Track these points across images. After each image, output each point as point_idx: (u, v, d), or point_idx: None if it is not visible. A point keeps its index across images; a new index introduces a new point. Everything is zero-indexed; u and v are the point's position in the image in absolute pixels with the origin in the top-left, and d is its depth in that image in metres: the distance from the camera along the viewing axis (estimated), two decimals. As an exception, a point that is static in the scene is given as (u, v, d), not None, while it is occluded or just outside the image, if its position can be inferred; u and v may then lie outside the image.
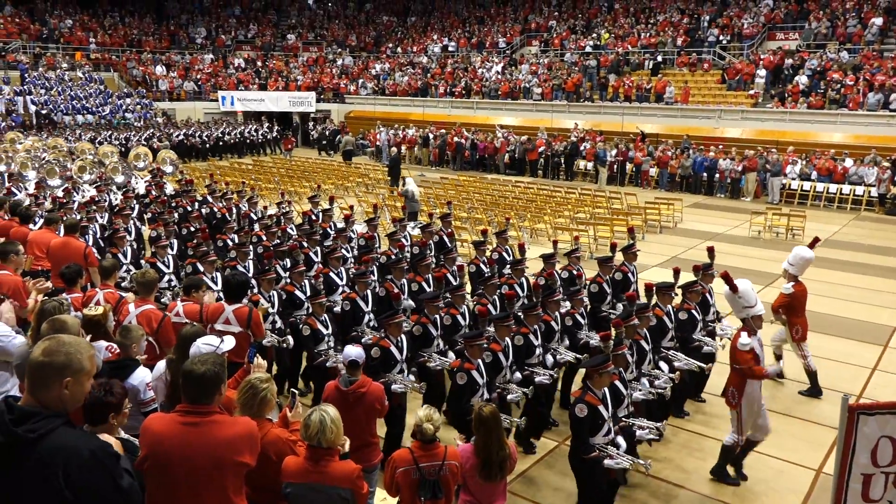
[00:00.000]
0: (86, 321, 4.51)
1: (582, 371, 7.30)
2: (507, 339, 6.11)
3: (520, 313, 6.70)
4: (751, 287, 6.17)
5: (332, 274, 8.22)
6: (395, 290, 7.35)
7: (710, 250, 8.21)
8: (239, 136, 29.91)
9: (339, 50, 38.98)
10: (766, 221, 15.63)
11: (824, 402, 7.60)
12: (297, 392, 4.02)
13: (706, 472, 6.22)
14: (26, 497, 2.48)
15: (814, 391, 7.71)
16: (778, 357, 7.72)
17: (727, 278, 6.16)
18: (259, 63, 36.93)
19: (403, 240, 10.02)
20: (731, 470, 6.11)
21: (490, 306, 7.18)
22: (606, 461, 4.86)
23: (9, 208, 9.54)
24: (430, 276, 8.25)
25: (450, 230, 10.75)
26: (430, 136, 27.85)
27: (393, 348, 5.95)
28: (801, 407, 7.51)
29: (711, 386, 7.65)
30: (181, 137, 27.64)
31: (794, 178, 19.85)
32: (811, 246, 8.10)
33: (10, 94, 28.27)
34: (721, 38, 26.92)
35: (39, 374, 2.54)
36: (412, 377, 6.15)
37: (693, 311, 7.05)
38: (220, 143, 29.14)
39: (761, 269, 12.76)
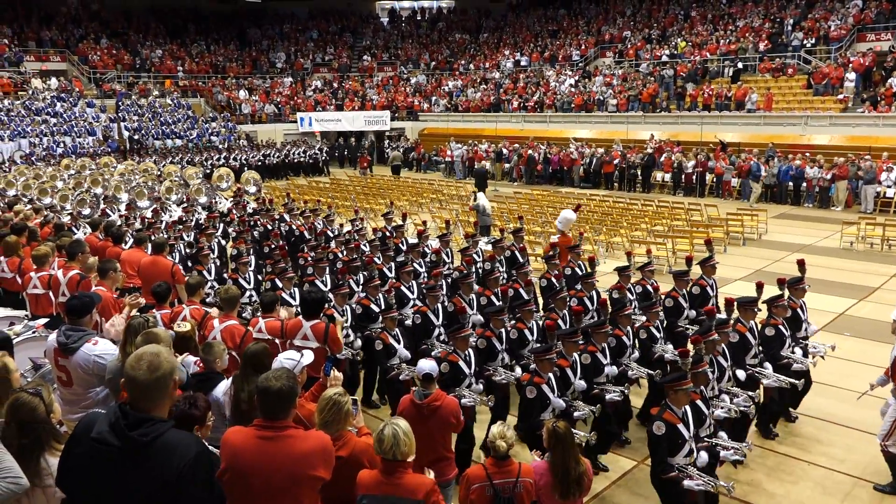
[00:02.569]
0: (178, 338, 4.72)
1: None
2: (576, 354, 6.01)
3: (588, 330, 6.58)
4: None
5: (403, 288, 8.34)
6: (462, 305, 7.38)
7: (801, 263, 7.82)
8: (283, 157, 30.04)
9: (413, 68, 39.63)
10: (859, 232, 14.81)
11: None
12: (357, 399, 4.05)
13: (796, 496, 5.90)
14: (139, 495, 2.67)
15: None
16: None
17: None
18: (336, 84, 37.97)
19: (475, 255, 10.03)
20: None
21: (560, 321, 7.10)
22: (686, 482, 4.68)
23: (103, 229, 10.12)
24: (498, 290, 8.25)
25: (522, 245, 10.69)
26: (504, 150, 27.86)
27: (461, 363, 5.95)
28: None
29: (804, 407, 7.28)
30: (221, 162, 26.98)
31: (889, 186, 18.73)
32: (575, 210, 12.23)
33: (106, 120, 30.09)
34: (806, 41, 25.82)
35: (155, 388, 2.76)
36: (480, 388, 6.13)
37: (780, 327, 6.71)
38: (263, 165, 28.62)
39: (855, 282, 12.10)
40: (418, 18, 45.21)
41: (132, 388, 2.74)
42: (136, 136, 29.59)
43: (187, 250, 10.92)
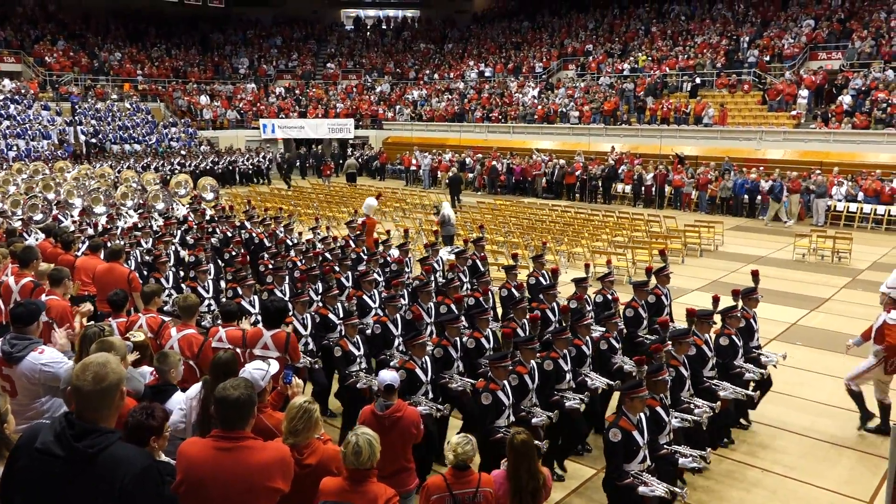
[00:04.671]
0: (136, 347, 4.63)
1: (617, 396, 7.26)
2: (533, 362, 6.06)
3: (550, 337, 6.65)
4: None
5: (365, 297, 8.31)
6: (420, 313, 7.41)
7: (755, 274, 8.01)
8: (227, 165, 29.33)
9: (378, 77, 39.62)
10: (810, 244, 15.25)
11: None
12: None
13: (750, 503, 6.03)
14: None
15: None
16: None
17: None
18: (298, 91, 37.73)
19: (435, 264, 10.07)
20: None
21: (518, 329, 7.15)
22: (641, 488, 4.76)
23: (53, 235, 9.85)
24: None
25: (483, 254, 10.74)
26: (468, 160, 28.00)
27: (418, 370, 5.96)
28: (851, 436, 7.25)
29: (757, 414, 7.45)
30: (171, 167, 26.58)
31: (839, 200, 19.37)
32: (377, 198, 15.78)
33: (62, 124, 29.37)
34: (761, 58, 26.59)
35: (101, 398, 2.69)
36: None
37: (734, 337, 6.88)
38: (207, 174, 26.30)
39: (806, 292, 12.45)
40: (383, 27, 45.26)
41: (78, 398, 2.68)
42: (93, 141, 28.93)
43: (145, 257, 10.71)
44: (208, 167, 28.06)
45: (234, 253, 11.09)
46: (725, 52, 27.79)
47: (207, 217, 14.54)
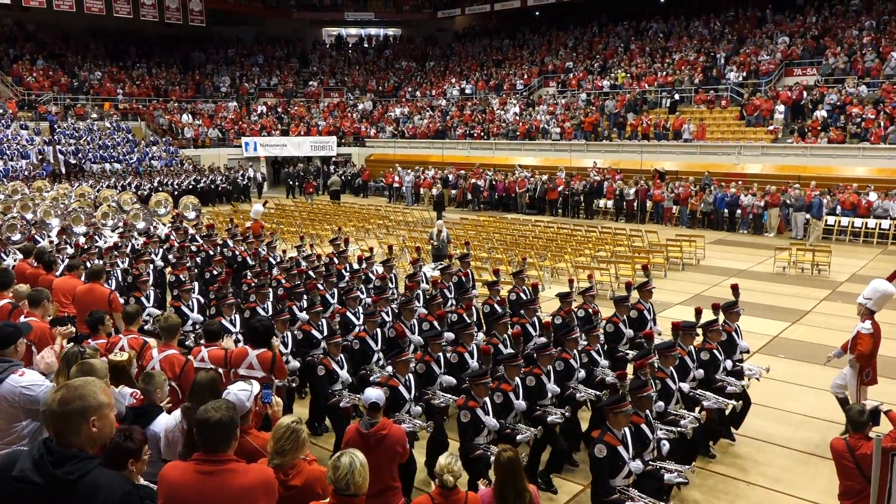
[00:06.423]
0: (111, 367, 4.55)
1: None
2: (518, 378, 6.05)
3: (534, 353, 6.65)
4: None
5: (349, 314, 8.28)
6: (403, 329, 7.40)
7: (735, 288, 8.08)
8: (209, 184, 29.02)
9: (360, 95, 39.72)
10: (790, 257, 15.42)
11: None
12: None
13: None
14: None
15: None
16: None
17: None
18: (281, 109, 37.72)
19: (420, 280, 10.07)
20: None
21: (500, 345, 7.15)
22: (627, 503, 4.75)
23: (35, 256, 9.72)
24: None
25: (467, 270, 10.76)
26: (450, 176, 28.09)
27: (401, 388, 5.94)
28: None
29: (742, 427, 7.47)
30: (151, 186, 26.23)
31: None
32: (263, 205, 15.82)
33: (41, 143, 29.09)
34: (738, 75, 27.01)
35: (65, 423, 2.63)
36: (419, 410, 6.13)
37: (715, 351, 6.93)
38: (191, 192, 26.24)
39: (787, 305, 12.56)
40: (365, 45, 45.45)
41: (51, 422, 2.64)
42: (73, 160, 28.66)
43: (123, 276, 10.60)
44: (190, 186, 27.88)
45: (215, 272, 11.02)
46: (703, 68, 28.21)
47: (190, 236, 14.44)
